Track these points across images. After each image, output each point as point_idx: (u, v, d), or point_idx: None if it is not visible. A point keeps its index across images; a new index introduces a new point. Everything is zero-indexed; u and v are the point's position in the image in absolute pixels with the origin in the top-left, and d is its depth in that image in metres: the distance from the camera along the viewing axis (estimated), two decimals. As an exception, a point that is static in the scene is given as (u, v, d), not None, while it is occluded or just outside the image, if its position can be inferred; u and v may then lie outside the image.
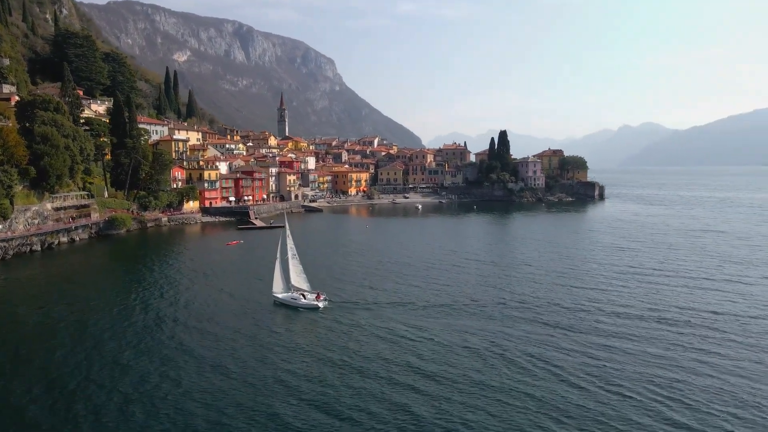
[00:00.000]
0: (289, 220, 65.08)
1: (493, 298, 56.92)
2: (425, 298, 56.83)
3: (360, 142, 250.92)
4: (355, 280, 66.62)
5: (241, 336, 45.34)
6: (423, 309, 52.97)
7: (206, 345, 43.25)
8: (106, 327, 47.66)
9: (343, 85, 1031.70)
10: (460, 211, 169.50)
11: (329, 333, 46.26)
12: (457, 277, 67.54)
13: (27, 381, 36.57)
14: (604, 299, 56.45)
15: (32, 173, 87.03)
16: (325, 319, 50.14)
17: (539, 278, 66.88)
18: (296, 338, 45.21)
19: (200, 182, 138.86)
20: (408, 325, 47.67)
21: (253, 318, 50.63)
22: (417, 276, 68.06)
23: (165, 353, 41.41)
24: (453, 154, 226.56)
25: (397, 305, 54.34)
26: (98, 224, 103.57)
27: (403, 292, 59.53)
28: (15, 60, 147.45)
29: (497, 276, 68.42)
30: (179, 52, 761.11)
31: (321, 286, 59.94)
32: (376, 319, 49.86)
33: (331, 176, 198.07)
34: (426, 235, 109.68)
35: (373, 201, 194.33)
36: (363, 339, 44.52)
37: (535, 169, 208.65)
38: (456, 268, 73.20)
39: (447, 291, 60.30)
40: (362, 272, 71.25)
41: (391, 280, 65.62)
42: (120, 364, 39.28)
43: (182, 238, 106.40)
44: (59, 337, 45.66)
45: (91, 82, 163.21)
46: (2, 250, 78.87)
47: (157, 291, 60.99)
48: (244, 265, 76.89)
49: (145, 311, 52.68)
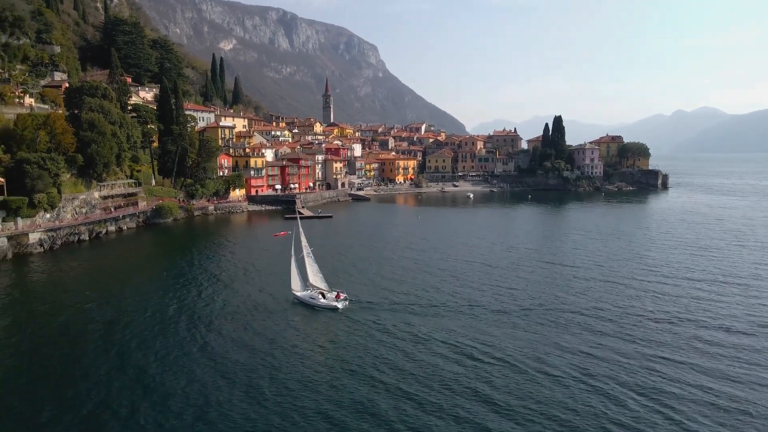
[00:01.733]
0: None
1: (565, 305, 50.32)
2: (480, 303, 50.87)
3: (407, 129, 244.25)
4: (396, 278, 61.11)
5: (270, 345, 40.75)
6: (474, 316, 46.92)
7: (235, 358, 38.70)
8: (135, 333, 43.23)
9: (386, 72, 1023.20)
10: (513, 200, 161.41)
11: (336, 342, 41.40)
12: (515, 278, 60.84)
13: (36, 388, 32.86)
14: (699, 311, 48.79)
15: (79, 161, 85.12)
16: (340, 323, 45.30)
17: (613, 282, 59.34)
18: (303, 346, 40.55)
19: (246, 170, 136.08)
20: (447, 335, 42.05)
21: (289, 323, 46.13)
22: (468, 276, 61.69)
23: (193, 371, 36.18)
24: (504, 141, 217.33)
25: (435, 310, 48.67)
26: (145, 213, 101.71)
27: (448, 295, 53.66)
28: (66, 47, 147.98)
29: (565, 278, 61.08)
30: (225, 40, 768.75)
31: (359, 284, 56.14)
32: (401, 325, 44.47)
33: (377, 164, 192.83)
34: (479, 228, 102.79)
35: (421, 189, 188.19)
36: (379, 354, 38.70)
37: (593, 156, 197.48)
38: (516, 268, 66.36)
39: (502, 295, 54.00)
40: (407, 269, 65.52)
41: (437, 280, 59.70)
42: (143, 382, 34.69)
43: (228, 229, 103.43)
44: (84, 341, 42.21)
45: (139, 69, 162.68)
46: (50, 239, 77.22)
47: (196, 289, 56.83)
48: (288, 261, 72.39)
49: (179, 313, 48.23)
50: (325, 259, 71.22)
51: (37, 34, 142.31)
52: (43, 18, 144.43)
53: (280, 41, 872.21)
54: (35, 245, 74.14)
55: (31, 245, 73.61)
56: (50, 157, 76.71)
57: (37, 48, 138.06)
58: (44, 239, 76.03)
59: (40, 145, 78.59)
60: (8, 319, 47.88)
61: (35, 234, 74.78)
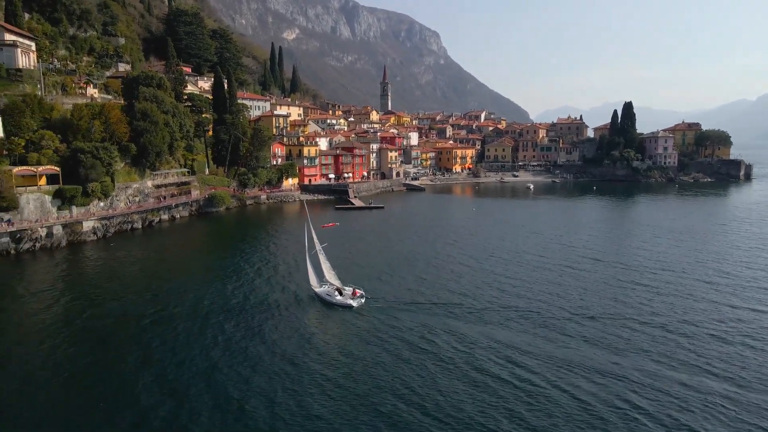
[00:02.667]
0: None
1: (621, 316, 45.02)
2: (519, 308, 46.61)
3: (465, 117, 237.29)
4: (429, 276, 57.57)
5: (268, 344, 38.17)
6: (506, 325, 42.74)
7: (228, 354, 36.41)
8: (168, 336, 41.67)
9: (448, 59, 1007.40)
10: (576, 192, 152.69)
11: (334, 345, 38.97)
12: (565, 282, 55.48)
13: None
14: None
15: (133, 150, 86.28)
16: (348, 323, 43.19)
17: (683, 290, 52.99)
18: (298, 347, 38.41)
19: (300, 159, 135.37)
20: (466, 346, 38.41)
21: (299, 320, 43.48)
22: (513, 277, 57.18)
23: (219, 383, 34.22)
24: (568, 129, 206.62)
25: (463, 315, 44.88)
26: (198, 202, 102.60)
27: (483, 298, 49.50)
28: (130, 39, 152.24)
29: (624, 283, 55.20)
30: (288, 30, 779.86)
31: (386, 282, 54.07)
32: (414, 329, 41.39)
33: (434, 153, 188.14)
34: (535, 222, 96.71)
35: (478, 179, 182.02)
36: (374, 362, 35.66)
37: (666, 145, 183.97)
38: (567, 270, 60.70)
39: (545, 301, 49.10)
40: (444, 267, 61.74)
41: (475, 281, 55.58)
42: (166, 387, 33.22)
43: (278, 219, 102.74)
44: (117, 337, 41.45)
45: (199, 59, 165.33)
46: (104, 227, 78.66)
47: (239, 285, 55.33)
48: (334, 255, 69.96)
49: (217, 313, 46.62)
50: (363, 254, 68.79)
51: (103, 26, 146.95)
52: (109, 11, 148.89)
53: (342, 30, 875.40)
54: (89, 233, 75.66)
55: (84, 233, 75.15)
56: (104, 146, 77.86)
57: (102, 40, 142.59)
58: (98, 227, 77.50)
59: (94, 135, 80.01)
60: (60, 306, 48.29)
61: (89, 222, 76.28)
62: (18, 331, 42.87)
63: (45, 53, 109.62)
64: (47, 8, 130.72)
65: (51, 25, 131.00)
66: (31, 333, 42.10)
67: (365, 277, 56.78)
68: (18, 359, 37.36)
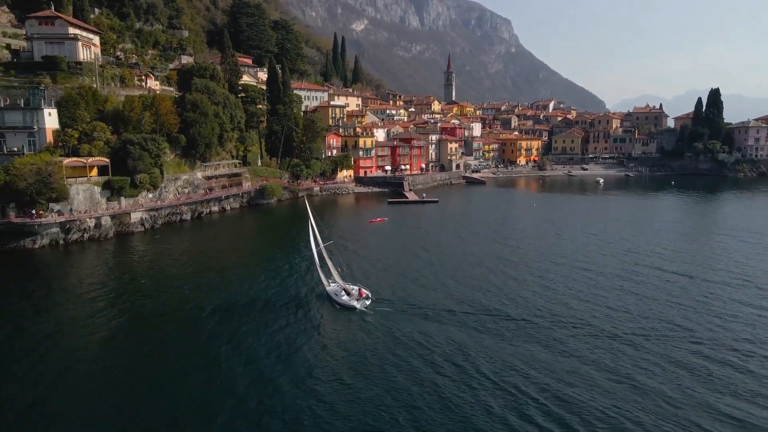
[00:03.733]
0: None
1: (685, 338, 38.27)
2: (558, 318, 40.76)
3: (532, 107, 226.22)
4: (454, 279, 52.63)
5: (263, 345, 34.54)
6: (533, 337, 37.57)
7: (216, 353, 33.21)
8: (193, 339, 39.73)
9: (519, 47, 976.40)
10: (652, 187, 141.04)
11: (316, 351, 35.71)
12: (619, 292, 48.55)
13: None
14: None
15: (182, 141, 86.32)
16: (344, 327, 40.44)
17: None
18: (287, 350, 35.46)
19: (355, 150, 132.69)
20: (472, 363, 33.34)
21: (304, 320, 39.68)
22: (558, 284, 51.01)
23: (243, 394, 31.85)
24: (645, 119, 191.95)
25: (480, 324, 40.19)
26: (249, 193, 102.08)
27: (509, 305, 44.35)
28: (194, 32, 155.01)
29: (695, 298, 47.45)
30: (357, 21, 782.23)
31: (402, 283, 50.19)
32: (416, 338, 37.59)
33: (497, 144, 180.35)
34: (601, 220, 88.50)
35: (544, 173, 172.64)
36: (355, 371, 32.02)
37: (759, 135, 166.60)
38: (628, 277, 53.71)
39: (592, 314, 42.75)
40: (474, 269, 56.29)
41: (509, 286, 50.01)
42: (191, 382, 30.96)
43: (328, 211, 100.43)
44: (137, 336, 39.60)
45: (260, 50, 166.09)
46: (152, 219, 79.05)
47: (273, 285, 52.74)
48: (369, 252, 66.26)
49: (246, 312, 44.25)
50: (400, 252, 64.60)
51: (169, 19, 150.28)
52: (174, 4, 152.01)
53: (411, 19, 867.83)
54: (136, 224, 76.15)
55: (132, 224, 75.68)
56: (152, 137, 78.01)
57: (167, 33, 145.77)
58: (146, 218, 77.91)
59: (144, 126, 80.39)
60: (104, 297, 47.96)
61: (137, 213, 76.78)
62: (64, 320, 42.65)
63: (109, 46, 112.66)
64: (116, 3, 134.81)
65: (120, 20, 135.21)
66: (77, 323, 41.99)
67: (391, 277, 53.50)
68: (62, 351, 36.98)
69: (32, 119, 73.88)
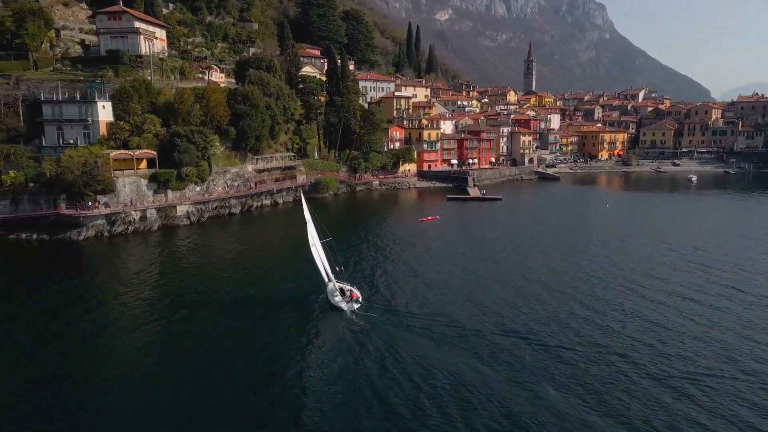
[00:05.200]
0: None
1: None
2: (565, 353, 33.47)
3: (620, 96, 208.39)
4: (462, 291, 46.55)
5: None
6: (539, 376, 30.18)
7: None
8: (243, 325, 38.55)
9: (615, 33, 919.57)
10: (756, 186, 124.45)
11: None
12: (687, 322, 39.97)
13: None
14: None
15: (232, 134, 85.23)
16: (317, 331, 38.86)
17: None
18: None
19: (419, 143, 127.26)
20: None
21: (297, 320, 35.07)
22: (602, 309, 42.96)
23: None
24: (752, 109, 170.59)
25: (481, 346, 34.79)
26: (303, 187, 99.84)
27: (540, 332, 37.29)
28: (263, 24, 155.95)
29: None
30: (441, 11, 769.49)
31: (406, 292, 46.13)
32: (397, 353, 33.65)
33: (577, 137, 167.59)
34: (690, 227, 76.59)
35: (629, 168, 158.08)
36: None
37: None
38: (701, 308, 44.47)
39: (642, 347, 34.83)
40: (496, 281, 49.44)
41: (551, 307, 42.54)
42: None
43: (384, 207, 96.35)
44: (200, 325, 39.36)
45: (329, 41, 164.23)
46: (198, 212, 78.56)
47: (296, 275, 50.09)
48: (407, 254, 60.97)
49: (257, 296, 41.22)
50: (434, 256, 58.93)
51: (240, 12, 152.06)
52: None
53: (497, 7, 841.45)
54: (182, 218, 75.78)
55: (178, 217, 75.40)
56: (199, 130, 77.22)
57: (237, 26, 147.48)
58: (192, 212, 77.48)
59: (194, 119, 79.88)
60: (143, 291, 47.67)
61: (183, 207, 76.43)
62: (108, 313, 42.54)
63: (176, 40, 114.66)
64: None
65: (192, 14, 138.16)
66: (122, 315, 42.06)
67: (410, 283, 49.10)
68: (105, 344, 36.98)
69: (87, 112, 75.41)
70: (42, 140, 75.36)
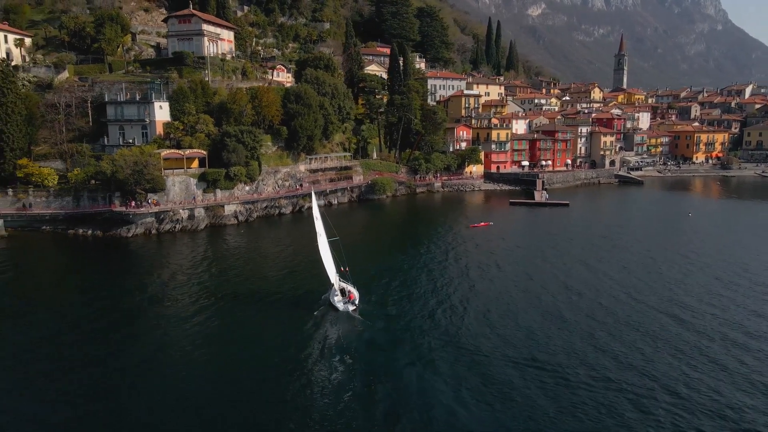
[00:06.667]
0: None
1: None
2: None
3: (722, 92, 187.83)
4: (505, 317, 40.81)
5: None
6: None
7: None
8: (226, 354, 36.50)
9: (728, 23, 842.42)
10: None
11: None
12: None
13: None
14: None
15: (284, 134, 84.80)
16: (310, 333, 38.63)
17: None
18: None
19: (487, 143, 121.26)
20: None
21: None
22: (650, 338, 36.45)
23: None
24: None
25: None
26: (360, 188, 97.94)
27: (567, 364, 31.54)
28: (335, 24, 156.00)
29: None
30: (533, 6, 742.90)
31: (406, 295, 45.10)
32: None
33: (668, 137, 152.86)
34: None
35: (729, 172, 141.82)
36: None
37: None
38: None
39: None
40: (550, 309, 43.15)
41: (589, 337, 36.82)
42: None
43: (439, 210, 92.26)
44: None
45: (402, 39, 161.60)
46: (246, 211, 78.74)
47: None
48: (438, 266, 56.58)
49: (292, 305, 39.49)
50: (466, 270, 53.98)
51: (312, 12, 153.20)
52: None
53: (594, 0, 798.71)
54: (230, 217, 76.19)
55: (225, 216, 75.90)
56: (248, 129, 77.29)
57: (309, 26, 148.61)
58: (240, 211, 77.76)
59: (245, 119, 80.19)
60: (183, 288, 48.64)
61: (231, 206, 76.87)
62: (155, 311, 43.67)
63: (243, 41, 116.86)
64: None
65: (265, 16, 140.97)
66: (167, 313, 42.99)
67: (422, 299, 45.79)
68: (152, 341, 37.91)
69: (144, 112, 77.85)
70: (105, 139, 78.88)
